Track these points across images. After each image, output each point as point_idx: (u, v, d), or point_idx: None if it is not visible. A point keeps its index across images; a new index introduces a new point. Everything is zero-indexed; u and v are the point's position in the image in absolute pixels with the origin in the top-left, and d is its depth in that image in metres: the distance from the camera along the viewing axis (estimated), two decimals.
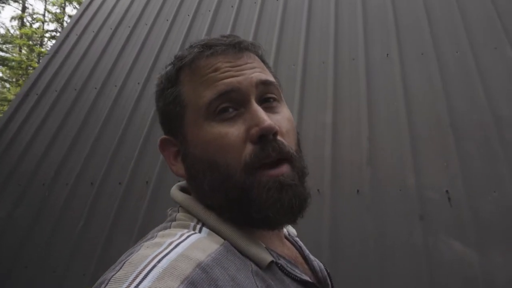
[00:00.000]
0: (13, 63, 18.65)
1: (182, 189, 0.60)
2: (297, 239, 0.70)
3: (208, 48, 0.54)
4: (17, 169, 3.05)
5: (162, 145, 0.58)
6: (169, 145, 0.58)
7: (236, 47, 0.55)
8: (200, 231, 0.50)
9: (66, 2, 20.90)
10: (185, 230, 0.48)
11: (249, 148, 0.49)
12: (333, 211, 2.16)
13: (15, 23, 21.42)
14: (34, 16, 21.82)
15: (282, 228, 0.64)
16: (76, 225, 2.55)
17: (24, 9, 21.34)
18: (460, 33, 2.72)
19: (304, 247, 0.68)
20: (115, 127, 3.02)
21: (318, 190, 2.26)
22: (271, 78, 0.56)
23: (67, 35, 4.15)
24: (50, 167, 2.96)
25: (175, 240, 0.44)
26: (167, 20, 3.90)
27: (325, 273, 0.65)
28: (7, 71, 18.75)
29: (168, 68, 0.58)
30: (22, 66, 17.41)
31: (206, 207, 0.53)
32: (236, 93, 0.50)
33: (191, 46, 0.57)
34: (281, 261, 0.53)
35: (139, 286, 0.35)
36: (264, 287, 0.46)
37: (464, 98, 2.39)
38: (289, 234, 0.69)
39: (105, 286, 0.36)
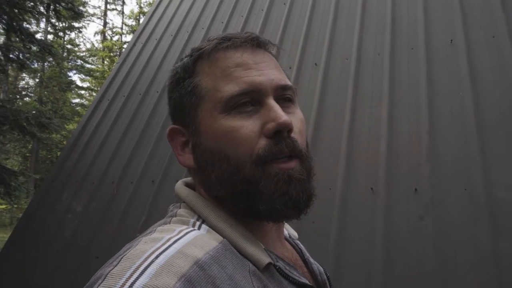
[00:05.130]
0: (97, 73, 20.76)
1: (187, 185, 0.60)
2: (298, 241, 0.67)
3: (227, 40, 0.54)
4: (91, 169, 3.38)
5: (171, 134, 0.58)
6: (178, 135, 0.57)
7: (254, 42, 0.55)
8: (199, 228, 0.50)
9: (141, 14, 22.63)
10: (184, 227, 0.48)
11: (262, 142, 0.49)
12: (388, 211, 2.03)
13: (98, 37, 23.78)
14: (114, 30, 23.99)
15: (283, 228, 0.62)
16: (139, 220, 2.74)
17: (105, 24, 23.59)
18: None
19: (304, 250, 0.65)
20: None
21: (371, 188, 2.14)
22: (289, 82, 0.57)
23: (134, 44, 4.48)
24: (118, 166, 3.22)
25: (173, 236, 0.43)
26: (222, 22, 4.00)
27: (325, 277, 0.62)
28: (93, 81, 20.91)
29: (185, 59, 0.57)
30: (105, 75, 19.25)
31: (212, 202, 0.53)
32: (257, 93, 0.51)
33: (209, 39, 0.57)
34: (279, 263, 0.51)
35: (136, 283, 0.35)
36: (261, 287, 0.45)
37: None
38: (289, 236, 0.67)
39: (102, 282, 0.37)
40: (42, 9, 4.96)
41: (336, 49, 3.00)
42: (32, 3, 4.37)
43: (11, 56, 4.42)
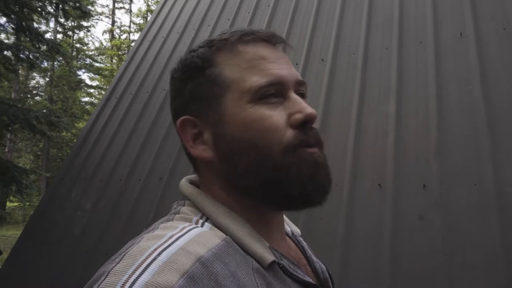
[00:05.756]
0: (106, 72, 20.94)
1: (192, 183, 0.60)
2: (301, 238, 0.67)
3: (251, 33, 0.56)
4: (100, 167, 3.41)
5: (182, 126, 0.56)
6: (189, 126, 0.55)
7: (275, 38, 0.57)
8: (202, 226, 0.49)
9: (148, 12, 22.72)
10: (187, 224, 0.48)
11: (290, 131, 0.51)
12: (396, 207, 2.01)
13: (106, 36, 23.95)
14: (122, 28, 24.13)
15: (284, 225, 0.62)
16: (147, 217, 2.76)
17: (113, 23, 23.73)
18: None
19: (307, 247, 0.65)
20: None
21: (379, 184, 2.12)
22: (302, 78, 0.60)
23: (141, 43, 4.50)
24: (126, 164, 3.25)
25: (176, 233, 0.44)
26: (228, 19, 4.00)
27: (327, 275, 0.62)
28: (102, 79, 21.11)
29: (201, 49, 0.56)
30: (113, 74, 19.41)
31: (219, 200, 0.53)
32: (282, 85, 0.53)
33: (224, 32, 0.58)
34: (284, 262, 0.51)
35: (138, 280, 0.35)
36: (264, 284, 0.45)
37: None
38: (292, 233, 0.66)
39: (105, 279, 0.37)
40: (50, 9, 5.00)
41: (342, 44, 2.97)
42: (40, 3, 4.42)
43: (21, 55, 4.48)
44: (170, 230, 0.44)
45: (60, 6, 4.62)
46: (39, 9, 4.44)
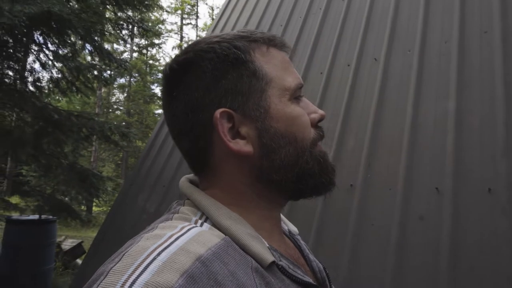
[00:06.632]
0: None
1: (191, 182, 0.60)
2: (298, 237, 0.65)
3: (277, 39, 0.59)
4: (162, 174, 3.64)
5: (221, 118, 0.52)
6: (224, 119, 0.52)
7: (289, 48, 0.61)
8: (201, 226, 0.50)
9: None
10: (186, 223, 0.48)
11: (312, 129, 0.57)
12: (456, 214, 1.83)
13: (176, 51, 25.55)
14: (189, 43, 25.53)
15: (281, 223, 0.61)
16: None
17: (181, 38, 25.26)
18: None
19: (304, 247, 0.63)
20: None
21: (436, 188, 1.96)
22: None
23: None
24: (185, 171, 3.42)
25: (175, 233, 0.44)
26: (281, 25, 4.02)
27: (324, 274, 0.61)
28: None
29: (237, 42, 0.54)
30: None
31: (220, 200, 0.53)
32: (301, 89, 0.59)
33: (252, 33, 0.57)
34: (283, 262, 0.50)
35: (138, 279, 0.35)
36: (263, 284, 0.45)
37: None
38: (289, 232, 0.65)
39: (104, 278, 0.37)
40: (124, 32, 5.50)
41: (397, 41, 2.81)
42: (111, 27, 4.92)
43: (96, 74, 5.01)
44: (170, 230, 0.45)
45: (129, 27, 5.09)
46: (109, 32, 4.94)
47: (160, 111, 22.54)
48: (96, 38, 4.29)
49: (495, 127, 1.98)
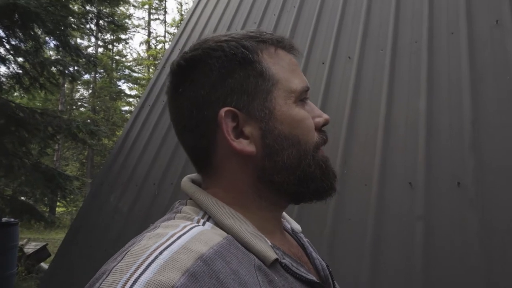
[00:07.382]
0: (143, 81, 21.79)
1: (193, 182, 0.60)
2: (301, 235, 0.66)
3: (286, 41, 0.59)
4: (135, 172, 3.55)
5: (226, 117, 0.52)
6: (228, 118, 0.52)
7: (297, 50, 0.61)
8: (203, 225, 0.50)
9: (182, 22, 23.41)
10: (188, 222, 0.48)
11: (315, 133, 0.57)
12: (428, 207, 1.92)
13: (143, 47, 24.93)
14: (157, 39, 24.99)
15: (282, 222, 0.62)
16: None
17: (149, 34, 24.66)
18: None
19: (307, 245, 0.64)
20: None
21: (410, 183, 2.04)
22: None
23: (172, 51, 4.63)
24: (159, 169, 3.36)
25: (177, 232, 0.44)
26: (255, 23, 4.02)
27: (327, 272, 0.61)
28: (140, 89, 21.98)
29: (246, 42, 0.54)
30: None
31: (223, 200, 0.53)
32: (307, 92, 0.59)
33: (261, 33, 0.57)
34: (286, 260, 0.51)
35: (140, 278, 0.35)
36: (266, 282, 0.45)
37: None
38: (292, 230, 0.65)
39: (107, 277, 0.37)
40: (90, 26, 5.29)
41: (370, 40, 2.89)
42: (77, 21, 4.71)
43: (65, 71, 4.78)
44: (172, 229, 0.45)
45: (95, 21, 4.89)
46: (76, 26, 4.73)
47: (127, 108, 21.92)
48: (64, 32, 4.09)
49: (462, 125, 2.08)
